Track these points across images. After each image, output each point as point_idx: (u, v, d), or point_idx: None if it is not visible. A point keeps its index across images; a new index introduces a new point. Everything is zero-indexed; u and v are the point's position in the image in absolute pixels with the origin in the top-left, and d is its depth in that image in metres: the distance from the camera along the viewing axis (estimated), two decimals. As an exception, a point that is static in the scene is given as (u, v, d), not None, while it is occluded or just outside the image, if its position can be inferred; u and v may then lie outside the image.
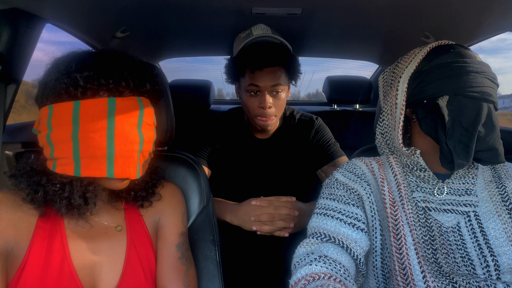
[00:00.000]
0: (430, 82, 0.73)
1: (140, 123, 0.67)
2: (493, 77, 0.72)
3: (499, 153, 0.70)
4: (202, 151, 1.29)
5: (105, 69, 0.64)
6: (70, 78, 0.63)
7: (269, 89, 1.18)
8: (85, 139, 0.62)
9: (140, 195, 0.77)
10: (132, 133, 0.65)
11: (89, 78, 0.63)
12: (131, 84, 0.66)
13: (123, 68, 0.66)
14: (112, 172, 0.63)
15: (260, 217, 1.09)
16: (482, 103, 0.70)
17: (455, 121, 0.70)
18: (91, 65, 0.64)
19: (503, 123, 2.19)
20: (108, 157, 0.63)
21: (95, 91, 0.63)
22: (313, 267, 0.62)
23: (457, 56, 0.73)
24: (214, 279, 0.88)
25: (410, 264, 0.71)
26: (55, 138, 0.64)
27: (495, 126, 0.70)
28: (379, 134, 0.87)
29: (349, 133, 1.97)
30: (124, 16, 1.29)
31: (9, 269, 0.64)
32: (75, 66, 0.64)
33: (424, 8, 1.18)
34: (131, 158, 0.65)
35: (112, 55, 0.68)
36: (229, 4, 1.22)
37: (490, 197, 0.76)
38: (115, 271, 0.71)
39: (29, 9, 0.92)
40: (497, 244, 0.70)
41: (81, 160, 0.63)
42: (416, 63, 0.76)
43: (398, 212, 0.76)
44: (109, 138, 0.63)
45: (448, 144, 0.69)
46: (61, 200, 0.65)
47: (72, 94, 0.63)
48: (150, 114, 0.71)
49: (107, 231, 0.74)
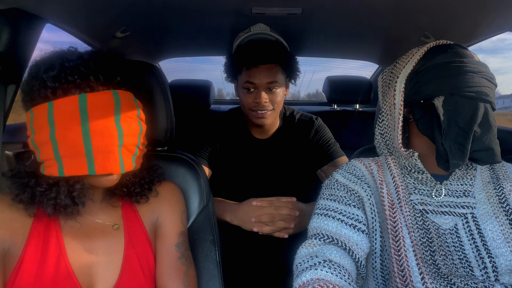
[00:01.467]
0: (427, 82, 0.73)
1: (118, 116, 0.66)
2: (490, 77, 0.72)
3: (495, 153, 0.69)
4: (202, 151, 1.29)
5: (71, 67, 0.64)
6: (39, 80, 0.64)
7: (265, 86, 1.18)
8: (62, 138, 0.63)
9: (134, 191, 0.77)
10: (108, 127, 0.64)
11: (56, 77, 0.63)
12: (101, 78, 0.66)
13: (89, 63, 0.65)
14: (93, 168, 0.63)
15: (261, 217, 1.09)
16: (478, 103, 0.69)
17: (451, 120, 0.69)
18: (56, 64, 0.64)
19: (503, 123, 2.19)
20: (87, 154, 0.63)
21: (65, 89, 0.63)
22: (318, 271, 0.62)
23: (454, 56, 0.73)
24: (214, 279, 0.88)
25: (408, 266, 0.71)
26: (37, 141, 0.64)
27: (491, 126, 0.70)
28: (379, 134, 0.86)
29: (349, 133, 1.97)
30: (124, 16, 1.29)
31: (6, 269, 0.65)
32: (43, 68, 0.64)
33: (424, 8, 1.18)
34: (111, 153, 0.65)
35: (77, 52, 0.68)
36: (229, 4, 1.22)
37: (488, 199, 0.76)
38: (113, 270, 0.71)
39: (29, 9, 0.92)
40: (495, 246, 0.70)
41: (62, 159, 0.63)
42: (414, 63, 0.76)
43: (397, 214, 0.76)
44: (85, 135, 0.63)
45: (444, 144, 0.69)
46: (48, 200, 0.66)
47: (44, 95, 0.63)
48: (130, 107, 0.69)
49: (103, 230, 0.74)
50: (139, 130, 0.71)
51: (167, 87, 0.92)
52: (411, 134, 0.82)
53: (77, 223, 0.71)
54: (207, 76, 2.58)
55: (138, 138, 0.71)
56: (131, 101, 0.70)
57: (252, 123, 1.28)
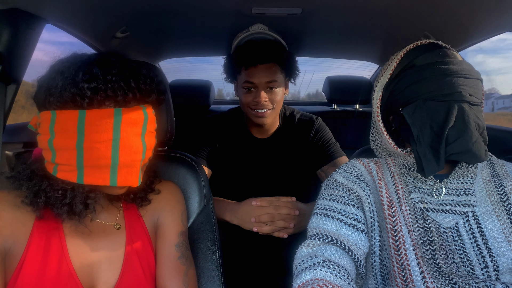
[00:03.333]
0: (401, 90, 0.74)
1: (144, 131, 0.68)
2: (466, 74, 0.70)
3: (475, 153, 0.67)
4: (202, 151, 1.29)
5: (113, 81, 0.63)
6: (77, 88, 0.62)
7: (264, 85, 1.19)
8: (90, 149, 0.62)
9: (139, 197, 0.78)
10: (136, 143, 0.66)
11: (97, 90, 0.62)
12: (138, 95, 0.66)
13: (130, 80, 0.65)
14: (115, 181, 0.64)
15: (261, 217, 1.09)
16: (452, 104, 0.68)
17: (426, 126, 0.69)
18: (98, 75, 0.63)
19: (503, 123, 2.19)
20: (112, 167, 0.63)
21: (101, 101, 0.63)
22: (317, 272, 0.62)
23: (426, 59, 0.72)
24: (214, 279, 0.88)
25: (409, 265, 0.71)
26: (58, 144, 0.63)
27: (467, 126, 0.67)
28: (371, 141, 0.88)
29: (349, 133, 1.97)
30: (124, 16, 1.29)
31: (8, 268, 0.65)
32: (82, 76, 0.62)
33: (424, 8, 1.18)
34: (134, 167, 0.66)
35: (119, 64, 0.66)
36: (229, 4, 1.22)
37: (489, 197, 0.76)
38: (114, 269, 0.71)
39: (29, 9, 0.92)
40: (496, 245, 0.70)
41: (84, 168, 0.63)
42: (391, 71, 0.76)
43: (396, 213, 0.76)
44: (114, 149, 0.63)
45: (418, 151, 0.69)
46: (63, 206, 0.66)
47: (78, 103, 0.62)
48: (152, 121, 0.71)
49: (105, 230, 0.74)
50: (155, 144, 0.73)
51: (167, 87, 0.92)
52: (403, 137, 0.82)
53: (83, 222, 0.71)
54: (207, 76, 2.57)
55: (152, 151, 0.72)
56: (152, 116, 0.71)
57: (252, 122, 1.28)
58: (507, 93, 14.09)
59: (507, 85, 30.16)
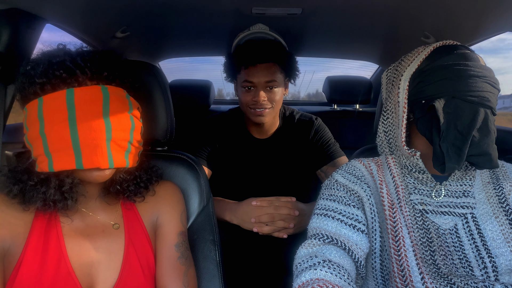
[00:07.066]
0: (430, 83, 0.73)
1: (106, 111, 0.66)
2: (494, 82, 0.71)
3: (492, 158, 0.69)
4: (202, 151, 1.29)
5: (57, 62, 0.65)
6: (27, 77, 0.66)
7: (263, 85, 1.19)
8: (50, 133, 0.63)
9: (128, 188, 0.76)
10: (95, 121, 0.64)
11: (43, 73, 0.64)
12: (88, 72, 0.66)
13: (76, 58, 0.66)
14: (81, 162, 0.63)
15: (261, 217, 1.09)
16: (479, 107, 0.69)
17: (451, 124, 0.69)
18: (43, 60, 0.66)
19: (503, 123, 2.19)
20: (74, 148, 0.63)
21: (53, 85, 0.64)
22: (317, 272, 0.62)
23: (459, 59, 0.72)
24: (214, 279, 0.88)
25: (408, 266, 0.71)
26: (30, 137, 0.66)
27: (490, 132, 0.69)
28: (382, 132, 0.86)
29: (349, 133, 1.97)
30: (124, 16, 1.29)
31: (6, 268, 0.65)
32: (31, 65, 0.67)
33: (424, 8, 1.18)
34: (98, 147, 0.64)
35: (66, 49, 0.69)
36: (229, 4, 1.22)
37: (488, 199, 0.76)
38: (113, 269, 0.71)
39: (29, 9, 0.92)
40: (495, 246, 0.70)
41: (51, 154, 0.64)
42: (419, 62, 0.76)
43: (397, 214, 0.76)
44: (72, 129, 0.63)
45: (442, 147, 0.69)
46: (37, 194, 0.66)
47: (33, 92, 0.65)
48: (121, 102, 0.69)
49: (104, 229, 0.74)
50: (131, 126, 0.71)
51: (167, 87, 0.92)
52: (412, 134, 0.82)
53: (78, 221, 0.71)
54: (207, 76, 2.58)
55: (129, 134, 0.70)
56: (122, 97, 0.70)
57: (251, 123, 1.28)
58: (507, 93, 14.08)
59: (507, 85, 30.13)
